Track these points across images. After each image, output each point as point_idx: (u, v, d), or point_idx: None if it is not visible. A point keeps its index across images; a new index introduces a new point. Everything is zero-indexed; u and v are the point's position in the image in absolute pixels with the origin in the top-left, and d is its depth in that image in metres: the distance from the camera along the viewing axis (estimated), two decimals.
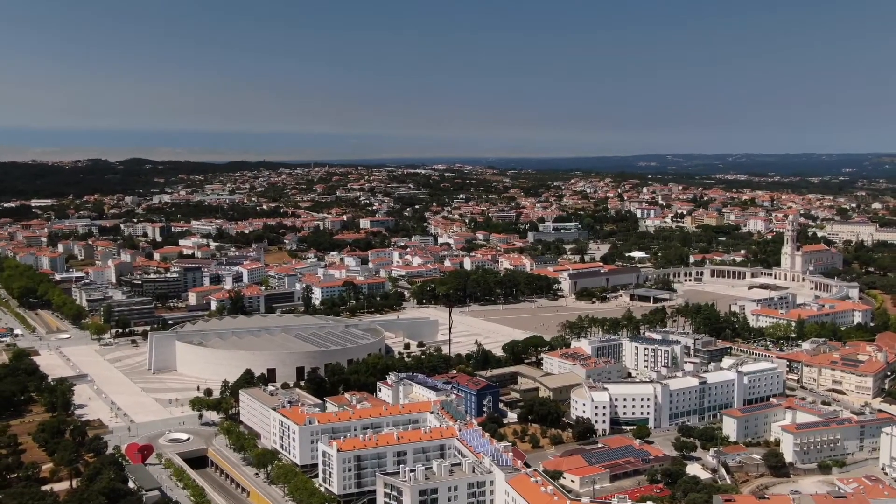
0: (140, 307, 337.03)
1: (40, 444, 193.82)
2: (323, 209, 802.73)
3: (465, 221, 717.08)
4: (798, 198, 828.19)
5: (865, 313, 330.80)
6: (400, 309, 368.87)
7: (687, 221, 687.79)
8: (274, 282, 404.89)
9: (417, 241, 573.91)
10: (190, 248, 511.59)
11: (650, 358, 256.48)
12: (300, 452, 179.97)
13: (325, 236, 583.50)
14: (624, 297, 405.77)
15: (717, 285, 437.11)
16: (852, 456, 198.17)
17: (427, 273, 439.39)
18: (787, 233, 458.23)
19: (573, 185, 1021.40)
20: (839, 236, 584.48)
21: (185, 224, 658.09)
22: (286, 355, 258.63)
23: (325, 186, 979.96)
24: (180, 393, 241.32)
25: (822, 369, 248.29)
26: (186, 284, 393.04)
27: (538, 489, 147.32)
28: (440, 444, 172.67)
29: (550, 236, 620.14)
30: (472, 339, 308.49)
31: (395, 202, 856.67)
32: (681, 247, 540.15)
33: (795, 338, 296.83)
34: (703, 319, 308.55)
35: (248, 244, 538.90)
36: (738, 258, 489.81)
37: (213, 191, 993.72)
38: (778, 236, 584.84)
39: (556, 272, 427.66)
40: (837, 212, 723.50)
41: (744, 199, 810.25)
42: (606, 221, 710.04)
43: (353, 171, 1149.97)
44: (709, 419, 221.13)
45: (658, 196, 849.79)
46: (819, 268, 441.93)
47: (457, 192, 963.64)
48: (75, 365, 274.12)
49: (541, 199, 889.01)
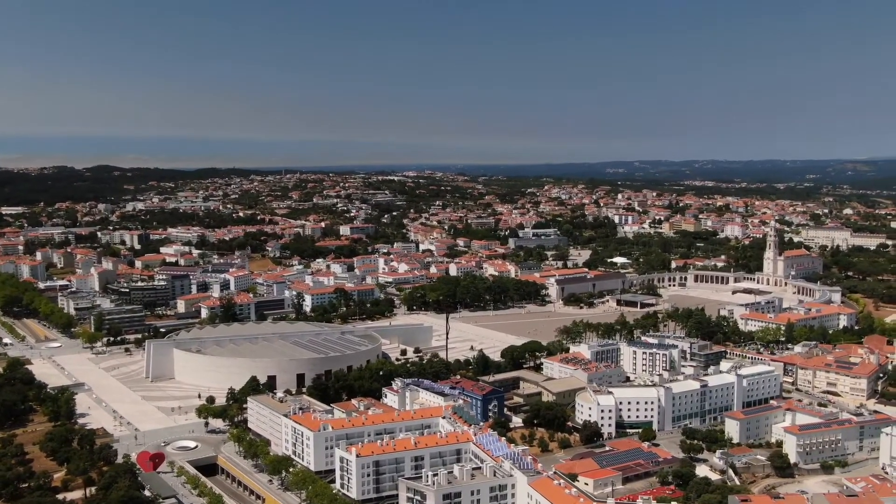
0: (131, 315, 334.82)
1: (48, 454, 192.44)
2: (300, 216, 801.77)
3: (445, 228, 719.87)
4: (771, 203, 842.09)
5: (850, 317, 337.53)
6: (391, 315, 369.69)
7: (665, 227, 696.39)
8: (262, 289, 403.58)
9: (399, 248, 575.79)
10: (172, 255, 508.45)
11: (648, 362, 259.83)
12: (315, 458, 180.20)
13: (308, 243, 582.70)
14: (611, 303, 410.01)
15: (701, 290, 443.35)
16: (852, 456, 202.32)
17: (414, 280, 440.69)
18: (769, 238, 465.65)
19: (548, 192, 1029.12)
20: (815, 241, 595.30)
21: (163, 231, 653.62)
22: (287, 362, 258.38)
23: (300, 193, 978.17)
24: (181, 401, 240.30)
25: (817, 372, 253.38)
26: (174, 292, 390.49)
27: (562, 491, 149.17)
28: (456, 449, 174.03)
29: (531, 242, 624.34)
30: (466, 344, 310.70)
31: (372, 209, 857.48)
32: (661, 252, 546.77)
33: (785, 341, 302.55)
34: (695, 324, 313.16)
35: (230, 251, 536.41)
36: (720, 263, 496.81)
37: (187, 198, 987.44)
38: (755, 241, 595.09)
39: (543, 278, 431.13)
40: (811, 217, 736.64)
41: (718, 205, 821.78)
42: (585, 227, 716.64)
43: (326, 178, 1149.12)
44: (710, 421, 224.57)
45: (634, 202, 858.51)
46: (800, 272, 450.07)
47: (432, 198, 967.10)
48: (70, 374, 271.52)
49: (517, 206, 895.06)
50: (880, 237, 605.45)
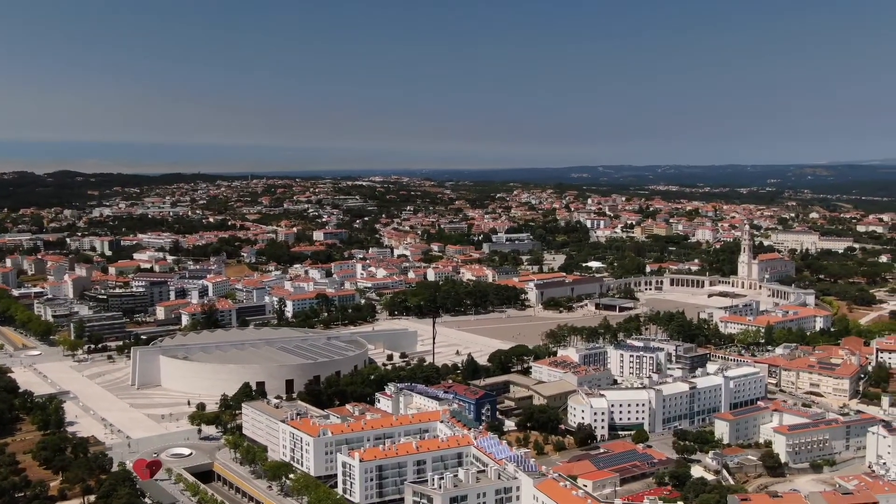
0: (111, 322, 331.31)
1: (41, 463, 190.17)
2: (272, 221, 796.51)
3: (418, 233, 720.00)
4: (739, 208, 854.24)
5: (826, 319, 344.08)
6: (373, 321, 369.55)
7: (637, 232, 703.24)
8: (241, 295, 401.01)
9: (375, 253, 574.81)
10: (146, 262, 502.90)
11: (635, 365, 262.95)
12: (314, 464, 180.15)
13: (283, 249, 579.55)
14: (589, 307, 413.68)
15: (677, 294, 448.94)
16: (839, 455, 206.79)
17: (393, 285, 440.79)
18: (743, 242, 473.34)
19: (517, 197, 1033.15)
20: (784, 245, 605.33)
21: (133, 238, 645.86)
22: (276, 368, 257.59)
23: (270, 199, 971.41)
24: (170, 408, 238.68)
25: (800, 373, 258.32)
26: (153, 299, 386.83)
27: (569, 493, 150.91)
28: (457, 453, 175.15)
29: (505, 247, 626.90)
30: (450, 349, 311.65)
31: (343, 214, 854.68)
32: (636, 257, 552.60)
33: (765, 343, 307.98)
34: (677, 327, 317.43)
35: (205, 257, 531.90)
36: (694, 267, 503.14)
37: (154, 203, 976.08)
38: (726, 245, 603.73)
39: (521, 282, 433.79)
40: (778, 221, 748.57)
41: (687, 209, 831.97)
42: (557, 232, 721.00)
43: (294, 183, 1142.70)
44: (698, 423, 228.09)
45: (605, 207, 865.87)
46: (774, 276, 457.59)
47: (403, 203, 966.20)
48: (54, 382, 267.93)
49: (488, 211, 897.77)
50: (847, 241, 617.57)
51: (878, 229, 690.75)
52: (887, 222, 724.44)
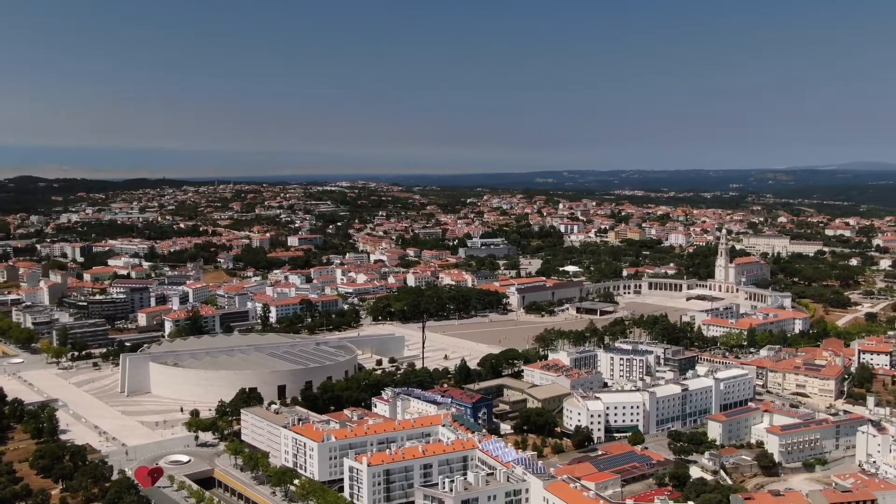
0: (94, 329, 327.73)
1: (38, 471, 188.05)
2: (244, 227, 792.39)
3: (393, 238, 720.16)
4: (709, 212, 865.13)
5: (804, 321, 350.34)
6: (358, 326, 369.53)
7: (611, 236, 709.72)
8: (223, 301, 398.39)
9: (352, 259, 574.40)
10: (122, 268, 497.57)
11: (625, 368, 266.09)
12: (318, 469, 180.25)
13: (260, 254, 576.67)
14: (571, 311, 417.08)
15: (656, 297, 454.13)
16: (829, 454, 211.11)
17: (374, 290, 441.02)
18: (720, 246, 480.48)
19: (488, 202, 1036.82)
20: (756, 249, 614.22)
21: (105, 244, 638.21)
22: (268, 374, 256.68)
23: (241, 204, 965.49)
24: (163, 415, 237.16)
25: (787, 374, 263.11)
26: (133, 305, 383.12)
27: (580, 494, 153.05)
28: (462, 456, 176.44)
29: (481, 252, 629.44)
30: (438, 353, 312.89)
31: (316, 219, 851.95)
32: (612, 261, 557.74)
33: (747, 345, 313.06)
34: (661, 330, 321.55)
35: (182, 263, 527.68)
36: (671, 271, 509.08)
37: (122, 209, 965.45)
38: (699, 249, 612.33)
39: (502, 287, 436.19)
40: (748, 226, 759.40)
41: (658, 214, 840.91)
42: (532, 237, 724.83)
43: (262, 189, 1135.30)
44: (690, 424, 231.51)
45: (577, 212, 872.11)
46: (750, 279, 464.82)
47: (375, 209, 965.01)
48: (41, 390, 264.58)
49: (460, 216, 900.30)
50: (817, 244, 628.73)
51: (846, 233, 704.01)
52: (854, 226, 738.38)
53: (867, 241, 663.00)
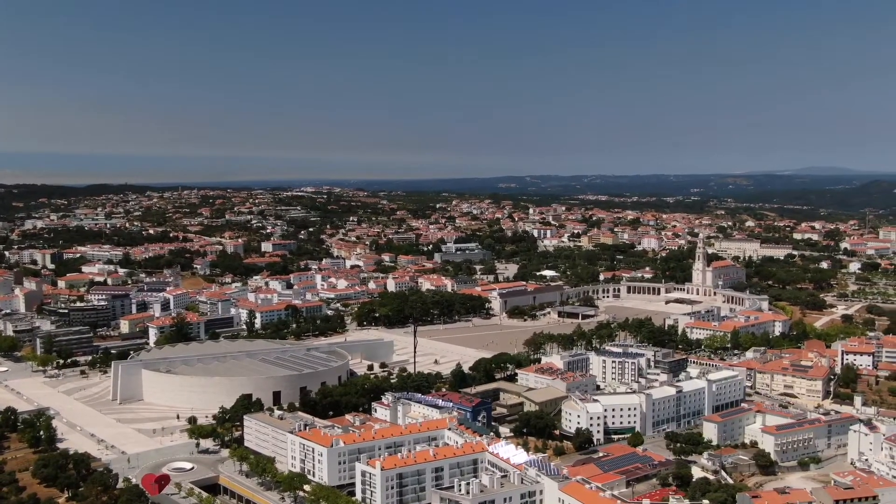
0: (79, 336, 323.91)
1: (41, 480, 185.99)
2: (215, 233, 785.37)
3: (367, 244, 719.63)
4: (679, 217, 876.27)
5: (784, 323, 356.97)
6: (343, 331, 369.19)
7: (584, 241, 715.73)
8: (205, 307, 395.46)
9: (329, 264, 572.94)
10: (98, 274, 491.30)
11: (617, 370, 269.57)
12: (328, 474, 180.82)
13: (236, 260, 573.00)
14: (552, 315, 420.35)
15: (635, 301, 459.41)
16: (822, 453, 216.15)
17: (356, 295, 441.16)
18: (698, 250, 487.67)
19: (457, 207, 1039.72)
20: (727, 253, 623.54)
21: (74, 250, 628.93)
22: (263, 380, 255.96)
23: (210, 210, 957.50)
24: (158, 422, 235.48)
25: (775, 375, 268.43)
26: (115, 312, 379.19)
27: (597, 495, 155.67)
28: (473, 459, 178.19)
29: (456, 257, 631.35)
30: (427, 358, 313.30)
31: (287, 225, 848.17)
32: (588, 265, 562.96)
33: (731, 348, 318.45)
34: (647, 333, 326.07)
35: (158, 270, 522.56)
36: (647, 275, 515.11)
37: (87, 215, 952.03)
38: (672, 253, 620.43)
39: (484, 291, 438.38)
40: (717, 230, 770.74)
41: (629, 219, 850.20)
42: (505, 242, 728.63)
43: (228, 194, 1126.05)
44: (684, 425, 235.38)
45: (548, 217, 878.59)
46: (727, 283, 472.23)
47: (345, 214, 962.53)
48: (30, 398, 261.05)
49: (431, 221, 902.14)
50: (787, 248, 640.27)
51: (814, 237, 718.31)
52: (820, 230, 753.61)
53: (835, 244, 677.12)
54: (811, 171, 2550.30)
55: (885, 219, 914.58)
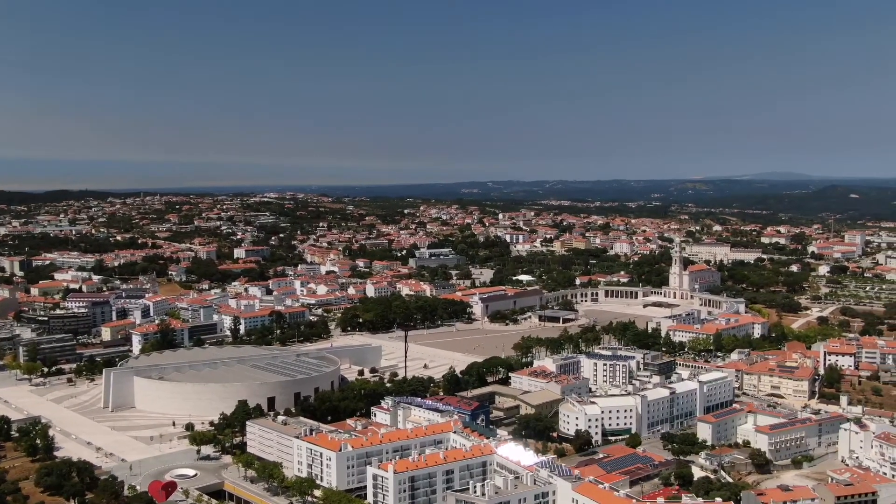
0: (62, 344, 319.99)
1: (45, 489, 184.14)
2: (184, 239, 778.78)
3: (339, 249, 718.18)
4: (648, 222, 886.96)
5: (763, 326, 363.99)
6: (328, 337, 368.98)
7: (556, 246, 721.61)
8: (187, 314, 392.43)
9: (304, 270, 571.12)
10: (72, 281, 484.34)
11: (609, 373, 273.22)
12: (337, 478, 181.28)
13: (211, 266, 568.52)
14: (533, 319, 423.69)
15: (613, 305, 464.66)
16: (813, 451, 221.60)
17: (336, 301, 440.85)
18: (674, 254, 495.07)
19: (425, 213, 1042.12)
20: (698, 257, 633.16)
21: (43, 257, 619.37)
22: (257, 386, 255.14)
23: (178, 216, 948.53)
24: (154, 430, 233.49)
25: (762, 376, 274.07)
26: (95, 320, 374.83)
27: (611, 494, 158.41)
28: (482, 461, 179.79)
29: (431, 262, 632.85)
30: (415, 363, 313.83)
31: (258, 231, 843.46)
32: (563, 270, 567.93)
33: (714, 350, 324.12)
34: (632, 336, 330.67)
35: (133, 276, 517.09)
36: (623, 279, 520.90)
37: (50, 222, 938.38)
38: (644, 258, 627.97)
39: (465, 297, 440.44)
40: (686, 234, 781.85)
41: (599, 223, 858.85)
42: (478, 247, 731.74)
43: (191, 200, 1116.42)
44: (677, 426, 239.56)
45: (519, 222, 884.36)
46: (703, 286, 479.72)
47: (314, 220, 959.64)
48: (18, 407, 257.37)
49: (402, 227, 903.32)
50: (756, 251, 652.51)
51: (781, 241, 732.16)
52: (786, 234, 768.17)
53: (802, 248, 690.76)
54: (769, 176, 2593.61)
55: (844, 223, 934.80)
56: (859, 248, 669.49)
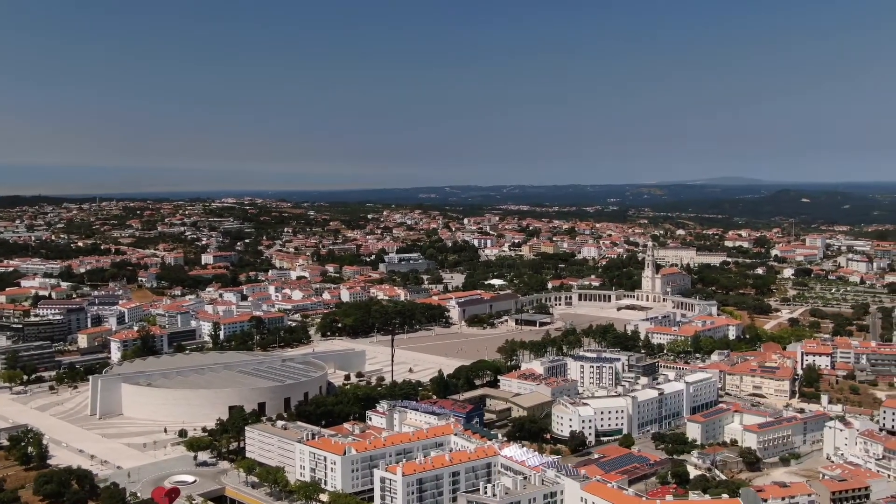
0: (41, 352, 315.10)
1: (44, 497, 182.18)
2: (148, 245, 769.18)
3: (308, 255, 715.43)
4: (613, 226, 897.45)
5: (738, 328, 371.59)
6: (308, 342, 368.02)
7: (525, 250, 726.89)
8: (163, 320, 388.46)
9: (275, 275, 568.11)
10: (41, 288, 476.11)
11: (595, 375, 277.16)
12: (342, 482, 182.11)
13: (182, 273, 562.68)
14: (510, 322, 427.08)
15: (587, 308, 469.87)
16: (799, 449, 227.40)
17: (312, 306, 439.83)
18: (647, 258, 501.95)
19: (390, 218, 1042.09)
20: (665, 260, 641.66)
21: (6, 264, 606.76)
22: (248, 392, 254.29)
23: (141, 221, 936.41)
24: (147, 437, 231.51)
25: (744, 377, 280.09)
26: (71, 327, 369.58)
27: (621, 493, 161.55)
28: (486, 463, 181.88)
29: (401, 267, 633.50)
30: (401, 367, 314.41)
31: (223, 236, 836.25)
32: (533, 274, 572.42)
33: (692, 352, 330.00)
34: (612, 339, 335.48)
35: (103, 283, 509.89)
36: (595, 283, 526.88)
37: (7, 227, 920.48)
38: (612, 262, 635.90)
39: (442, 301, 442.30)
40: (651, 238, 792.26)
41: (565, 228, 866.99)
42: (447, 252, 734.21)
43: (163, 206, 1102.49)
44: (666, 426, 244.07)
45: (486, 226, 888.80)
46: (675, 289, 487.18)
47: (278, 225, 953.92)
48: (2, 416, 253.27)
49: (367, 231, 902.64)
50: (721, 255, 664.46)
51: (744, 244, 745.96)
52: (748, 238, 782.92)
53: (765, 251, 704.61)
54: (721, 181, 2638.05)
55: (799, 226, 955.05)
56: (820, 251, 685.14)
